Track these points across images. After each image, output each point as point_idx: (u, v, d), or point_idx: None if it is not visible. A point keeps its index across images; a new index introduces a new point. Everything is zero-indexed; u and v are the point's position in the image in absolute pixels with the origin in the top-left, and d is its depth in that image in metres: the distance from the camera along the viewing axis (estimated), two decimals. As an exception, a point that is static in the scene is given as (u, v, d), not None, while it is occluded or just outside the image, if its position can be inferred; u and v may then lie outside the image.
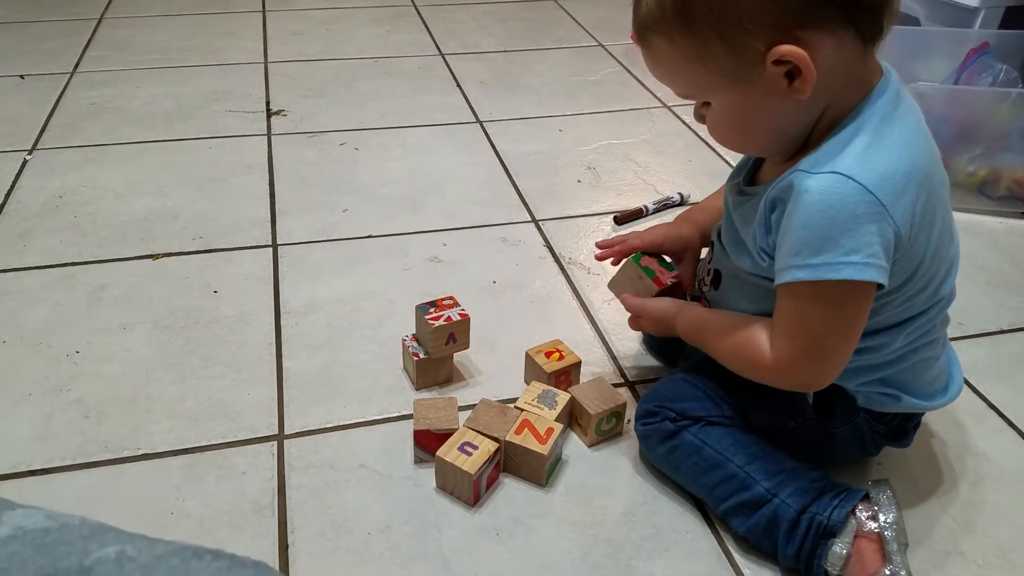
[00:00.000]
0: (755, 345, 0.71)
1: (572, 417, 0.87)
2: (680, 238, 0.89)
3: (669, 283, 0.87)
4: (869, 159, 0.62)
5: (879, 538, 0.70)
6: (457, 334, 0.89)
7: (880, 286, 0.64)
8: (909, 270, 0.67)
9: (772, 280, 0.68)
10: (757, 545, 0.75)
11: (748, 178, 0.77)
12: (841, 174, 0.62)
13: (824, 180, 0.62)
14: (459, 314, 0.89)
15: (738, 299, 0.77)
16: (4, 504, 0.41)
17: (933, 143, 0.69)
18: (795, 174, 0.64)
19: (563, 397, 0.85)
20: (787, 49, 0.60)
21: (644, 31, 0.67)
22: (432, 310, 0.90)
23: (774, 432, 0.78)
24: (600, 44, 1.96)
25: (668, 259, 0.90)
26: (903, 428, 0.79)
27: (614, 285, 0.92)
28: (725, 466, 0.76)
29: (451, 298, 0.92)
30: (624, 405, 0.86)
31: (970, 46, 1.40)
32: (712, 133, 0.71)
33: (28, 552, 0.36)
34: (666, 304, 0.83)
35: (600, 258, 0.92)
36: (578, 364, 0.91)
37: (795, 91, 0.62)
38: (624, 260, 0.90)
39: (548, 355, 0.90)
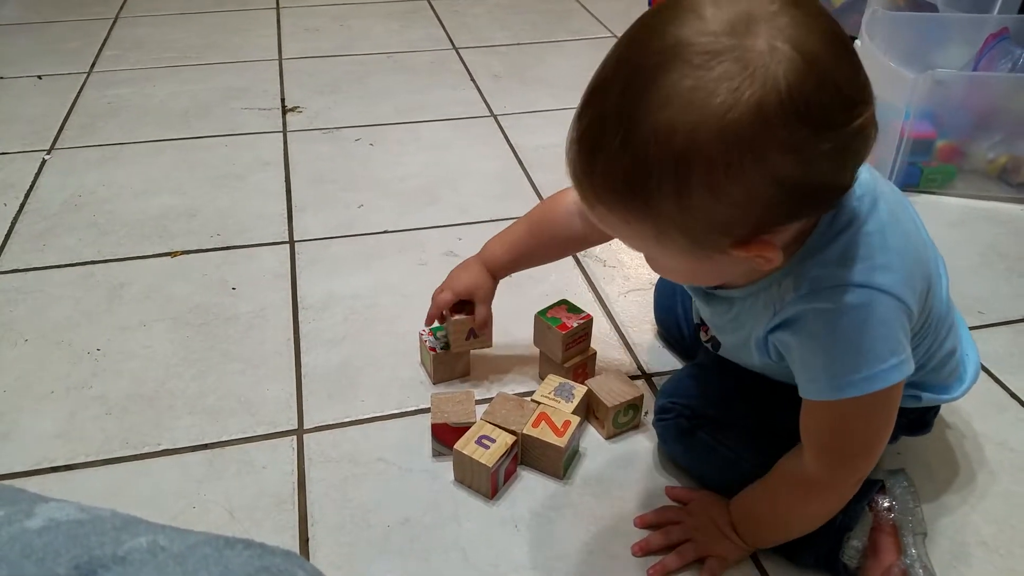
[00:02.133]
0: (798, 477, 0.68)
1: (589, 409, 0.87)
2: (468, 288, 0.89)
3: (575, 325, 0.88)
4: (882, 262, 0.59)
5: (895, 529, 0.70)
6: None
7: None
8: (917, 327, 0.66)
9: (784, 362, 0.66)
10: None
11: None
12: (867, 287, 0.59)
13: (851, 297, 0.59)
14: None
15: (742, 356, 0.75)
16: (37, 498, 0.41)
17: (910, 208, 0.66)
18: (806, 299, 0.60)
19: (580, 390, 0.85)
20: (753, 248, 0.55)
21: (591, 199, 0.56)
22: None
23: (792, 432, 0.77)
24: (615, 35, 1.95)
25: (572, 303, 0.91)
26: (923, 419, 0.79)
27: (538, 343, 0.93)
28: (740, 466, 0.75)
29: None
30: (641, 398, 0.85)
31: (989, 31, 1.38)
32: (653, 268, 0.67)
33: (62, 542, 0.37)
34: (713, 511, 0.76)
35: (427, 323, 0.92)
36: (593, 356, 0.91)
37: (758, 263, 0.57)
38: (535, 316, 0.91)
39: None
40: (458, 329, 0.89)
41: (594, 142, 0.53)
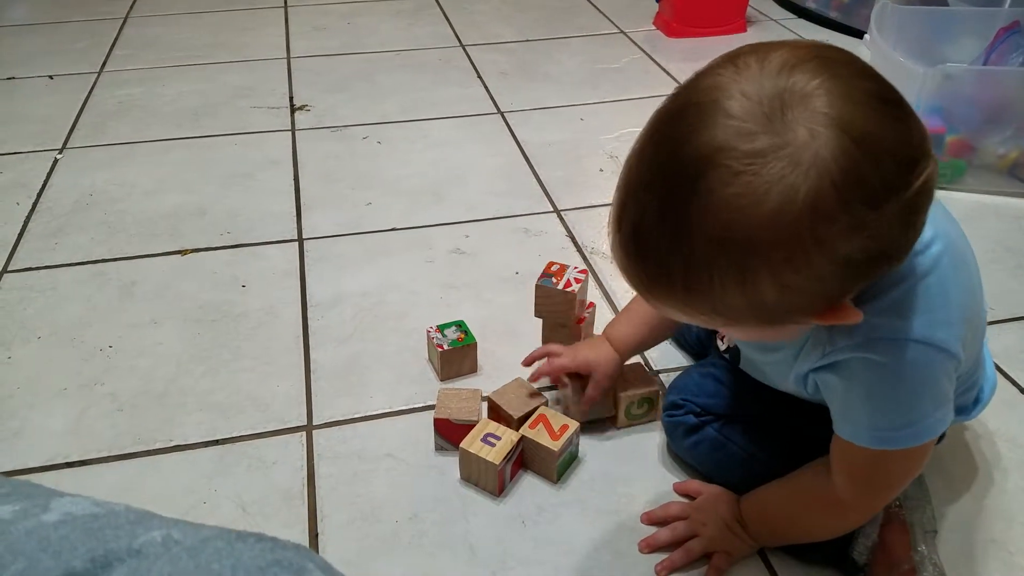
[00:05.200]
0: (822, 495, 0.67)
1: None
2: (588, 362, 0.83)
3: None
4: (943, 317, 0.58)
5: (905, 526, 0.70)
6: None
7: None
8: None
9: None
10: None
11: None
12: (926, 343, 0.57)
13: (909, 353, 0.57)
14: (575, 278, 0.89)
15: (772, 378, 0.73)
16: (52, 492, 0.42)
17: (971, 254, 0.64)
18: (860, 347, 0.58)
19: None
20: (830, 316, 0.53)
21: (647, 296, 0.56)
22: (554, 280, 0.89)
23: (802, 429, 0.77)
24: (622, 31, 1.95)
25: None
26: None
27: (542, 313, 0.91)
28: (749, 464, 0.75)
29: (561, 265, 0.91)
30: (657, 392, 0.86)
31: (1000, 25, 1.37)
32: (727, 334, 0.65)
33: (78, 536, 0.38)
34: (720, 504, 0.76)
35: (533, 379, 0.87)
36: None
37: (838, 324, 0.55)
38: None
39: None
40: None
41: (640, 250, 0.52)
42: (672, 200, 0.49)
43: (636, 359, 0.95)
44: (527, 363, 0.89)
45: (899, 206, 0.48)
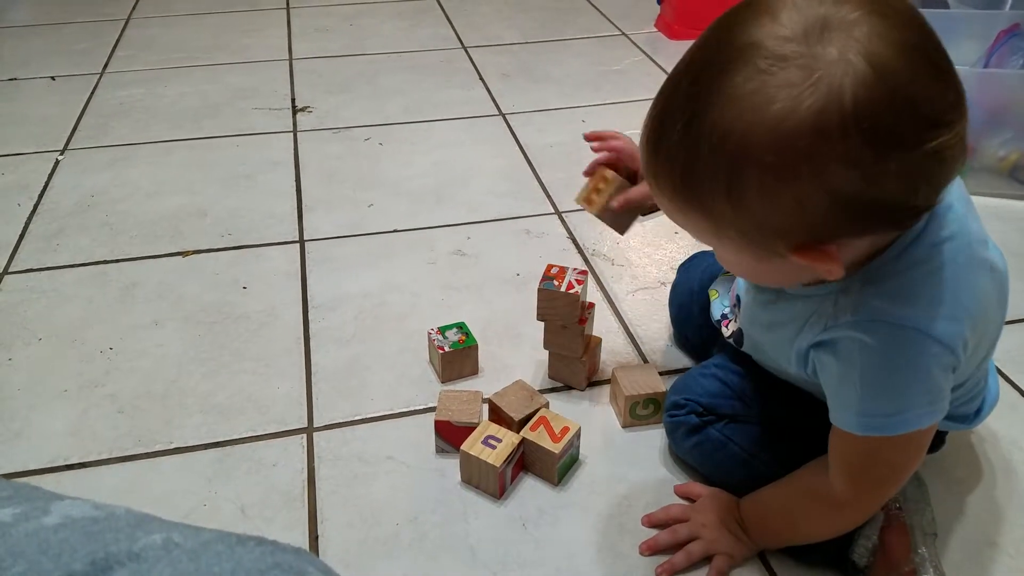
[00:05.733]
0: (821, 493, 0.67)
1: (612, 395, 0.88)
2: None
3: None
4: (947, 312, 0.57)
5: (905, 528, 0.70)
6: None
7: None
8: (961, 379, 0.66)
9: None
10: None
11: None
12: (924, 333, 0.57)
13: (905, 340, 0.57)
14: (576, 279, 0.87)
15: (776, 359, 0.73)
16: (52, 495, 0.42)
17: (1002, 264, 0.64)
18: (859, 326, 0.58)
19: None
20: (811, 255, 0.53)
21: (654, 184, 0.57)
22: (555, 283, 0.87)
23: (805, 431, 0.77)
24: (623, 33, 1.95)
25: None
26: (939, 436, 0.78)
27: (544, 316, 0.88)
28: (751, 464, 0.75)
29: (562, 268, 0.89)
30: (664, 393, 0.85)
31: (1000, 27, 1.37)
32: (720, 263, 0.65)
33: (78, 539, 0.38)
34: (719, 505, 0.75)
35: (596, 149, 0.82)
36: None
37: (820, 272, 0.55)
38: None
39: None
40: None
41: (659, 133, 0.54)
42: (698, 87, 0.51)
43: (633, 363, 0.95)
44: (590, 137, 0.83)
45: (905, 163, 0.48)
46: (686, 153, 0.52)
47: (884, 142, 0.47)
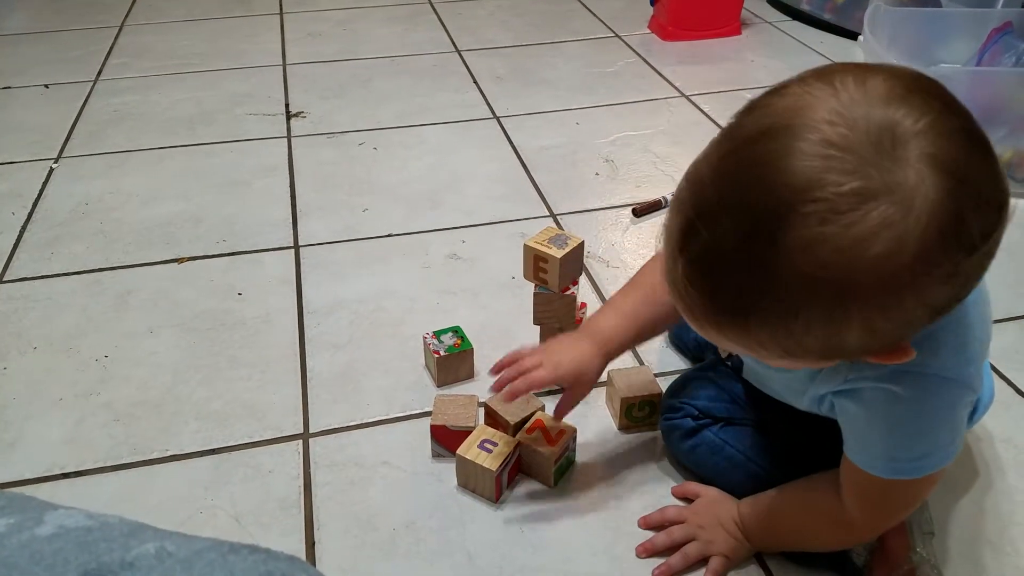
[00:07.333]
0: (832, 514, 0.67)
1: (608, 397, 0.89)
2: (573, 372, 0.75)
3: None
4: (971, 354, 0.58)
5: (903, 527, 0.70)
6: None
7: None
8: None
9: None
10: None
11: None
12: (955, 381, 0.57)
13: (938, 389, 0.57)
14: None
15: (783, 394, 0.72)
16: (46, 505, 0.42)
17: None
18: (886, 379, 0.57)
19: (574, 240, 0.84)
20: (888, 356, 0.52)
21: (701, 321, 0.52)
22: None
23: (800, 438, 0.76)
24: (616, 35, 1.95)
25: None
26: None
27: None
28: (747, 467, 0.76)
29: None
30: (660, 395, 0.85)
31: (992, 25, 1.38)
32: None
33: (71, 549, 0.38)
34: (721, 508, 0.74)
35: (504, 394, 0.74)
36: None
37: (888, 362, 0.53)
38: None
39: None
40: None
41: (710, 278, 0.48)
42: (758, 229, 0.45)
43: (635, 359, 0.95)
44: (495, 371, 0.76)
45: (986, 250, 0.47)
46: (765, 303, 0.47)
47: (976, 244, 0.46)
